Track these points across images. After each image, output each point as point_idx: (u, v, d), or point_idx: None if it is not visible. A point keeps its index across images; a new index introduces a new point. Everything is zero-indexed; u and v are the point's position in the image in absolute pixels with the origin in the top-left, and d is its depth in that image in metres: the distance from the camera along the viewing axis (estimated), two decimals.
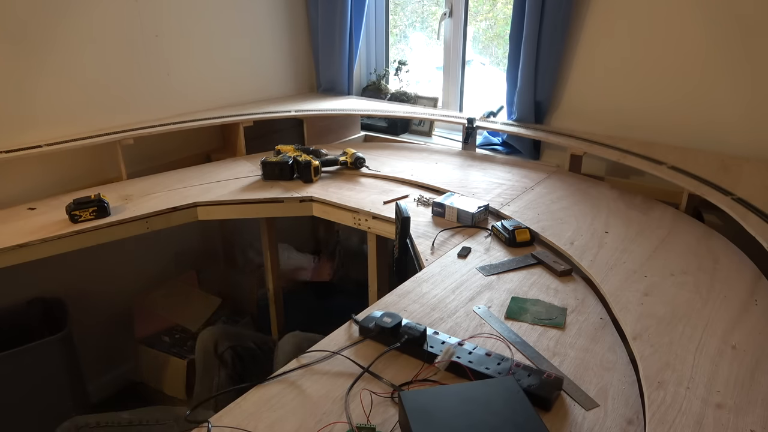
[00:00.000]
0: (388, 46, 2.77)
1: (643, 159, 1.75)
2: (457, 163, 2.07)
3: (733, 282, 1.21)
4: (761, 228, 1.29)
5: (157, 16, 2.11)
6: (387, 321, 1.03)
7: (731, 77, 1.77)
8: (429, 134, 2.57)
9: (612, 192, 1.75)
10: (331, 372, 0.98)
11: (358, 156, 1.97)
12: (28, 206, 1.75)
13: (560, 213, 1.60)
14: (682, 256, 1.33)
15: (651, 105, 1.93)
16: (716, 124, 1.83)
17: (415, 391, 0.88)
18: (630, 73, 1.95)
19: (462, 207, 1.57)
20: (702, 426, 0.81)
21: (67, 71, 1.91)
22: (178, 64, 2.22)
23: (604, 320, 1.13)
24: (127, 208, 1.70)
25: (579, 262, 1.32)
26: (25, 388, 1.76)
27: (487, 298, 1.21)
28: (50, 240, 1.54)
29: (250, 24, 2.44)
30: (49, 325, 1.88)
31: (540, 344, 1.05)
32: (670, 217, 1.56)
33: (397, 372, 0.97)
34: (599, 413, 0.88)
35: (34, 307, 1.95)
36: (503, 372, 0.93)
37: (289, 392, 0.93)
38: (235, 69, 2.44)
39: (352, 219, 1.72)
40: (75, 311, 1.98)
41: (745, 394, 0.87)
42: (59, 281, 2.02)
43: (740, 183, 1.55)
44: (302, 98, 2.59)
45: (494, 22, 2.48)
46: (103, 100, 2.03)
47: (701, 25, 1.77)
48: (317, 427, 0.85)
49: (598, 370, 0.98)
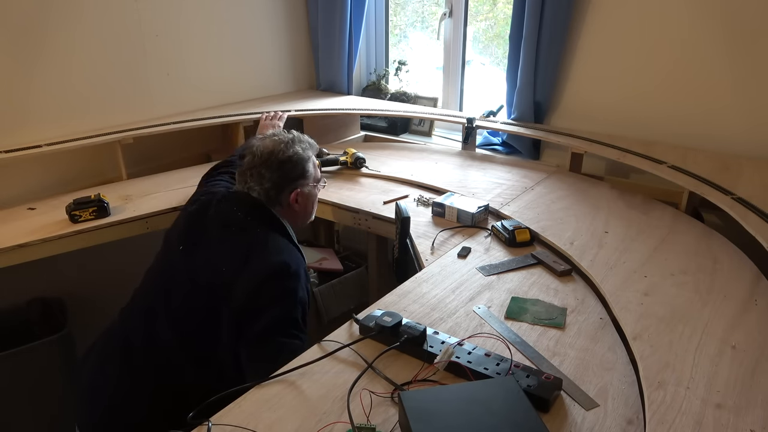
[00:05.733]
0: (388, 46, 2.77)
1: (643, 158, 1.75)
2: (456, 163, 2.07)
3: (733, 282, 1.21)
4: (761, 228, 1.29)
5: (157, 16, 2.11)
6: (387, 320, 1.03)
7: (731, 77, 1.76)
8: (429, 134, 2.57)
9: (612, 192, 1.75)
10: (330, 372, 0.98)
11: (358, 156, 1.97)
12: (28, 206, 1.75)
13: (560, 213, 1.59)
14: (681, 256, 1.33)
15: (651, 104, 1.93)
16: (716, 124, 1.83)
17: (415, 391, 0.88)
18: (630, 73, 1.95)
19: (462, 207, 1.57)
20: (702, 426, 0.81)
21: (67, 71, 1.91)
22: (178, 64, 2.22)
23: (604, 320, 1.13)
24: (127, 208, 1.70)
25: (579, 262, 1.32)
26: (25, 388, 1.76)
27: (487, 298, 1.21)
28: (50, 240, 1.54)
29: (250, 23, 2.44)
30: (49, 325, 1.88)
31: (540, 344, 1.05)
32: (670, 217, 1.56)
33: (397, 372, 0.97)
34: (599, 413, 0.88)
35: (34, 307, 1.95)
36: (502, 372, 0.93)
37: (289, 392, 0.93)
38: (235, 68, 2.44)
39: (352, 219, 1.72)
40: (75, 311, 1.98)
41: (745, 394, 0.87)
42: (59, 281, 2.01)
43: (740, 182, 1.55)
44: (302, 97, 2.59)
45: (494, 22, 2.48)
46: (103, 100, 2.03)
47: (701, 25, 1.77)
48: (317, 427, 0.85)
49: (598, 370, 0.98)
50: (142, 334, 1.25)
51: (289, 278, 1.21)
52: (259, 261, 1.21)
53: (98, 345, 1.32)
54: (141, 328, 1.25)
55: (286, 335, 1.16)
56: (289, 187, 1.35)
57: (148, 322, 1.25)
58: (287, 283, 1.20)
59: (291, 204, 1.36)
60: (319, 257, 2.49)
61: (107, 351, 1.29)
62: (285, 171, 1.34)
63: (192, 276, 1.26)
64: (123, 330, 1.29)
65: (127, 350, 1.25)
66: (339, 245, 2.77)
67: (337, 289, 2.36)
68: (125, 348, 1.25)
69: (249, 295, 1.18)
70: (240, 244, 1.25)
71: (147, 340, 1.23)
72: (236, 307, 1.18)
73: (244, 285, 1.19)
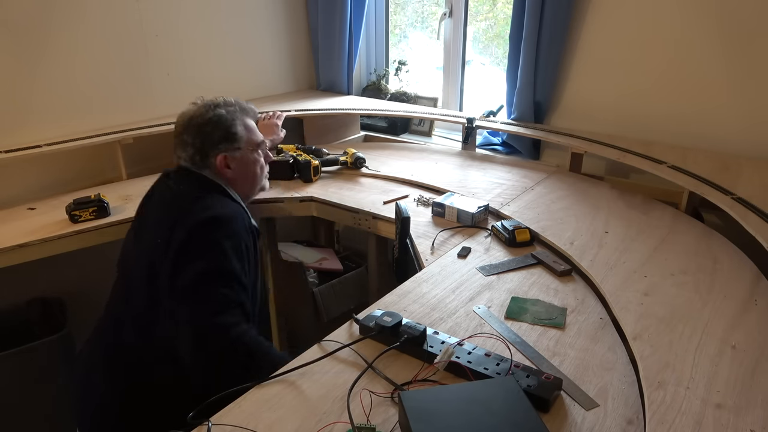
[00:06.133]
0: (388, 46, 2.77)
1: (643, 158, 1.75)
2: (456, 163, 2.07)
3: (733, 282, 1.21)
4: (761, 228, 1.29)
5: (157, 16, 2.11)
6: (387, 320, 1.03)
7: (731, 77, 1.76)
8: (429, 134, 2.57)
9: (612, 192, 1.75)
10: (330, 372, 0.98)
11: (358, 156, 1.97)
12: (28, 206, 1.75)
13: (560, 213, 1.59)
14: (681, 256, 1.33)
15: (651, 104, 1.93)
16: (716, 124, 1.83)
17: (415, 391, 0.88)
18: (630, 73, 1.95)
19: (462, 207, 1.57)
20: (702, 426, 0.81)
21: (67, 71, 1.91)
22: (178, 64, 2.22)
23: (604, 320, 1.13)
24: (127, 208, 1.70)
25: (579, 262, 1.32)
26: (25, 387, 1.76)
27: (487, 298, 1.21)
28: (50, 240, 1.54)
29: (250, 23, 2.44)
30: (49, 325, 1.88)
31: (540, 344, 1.05)
32: (670, 217, 1.56)
33: (397, 372, 0.97)
34: (599, 413, 0.88)
35: (34, 307, 1.95)
36: (502, 372, 0.93)
37: (289, 392, 0.93)
38: (235, 68, 2.44)
39: (352, 219, 1.72)
40: (75, 311, 1.98)
41: (745, 394, 0.87)
42: (59, 281, 2.01)
43: (740, 182, 1.55)
44: (302, 97, 2.59)
45: (494, 22, 2.48)
46: (102, 100, 2.03)
47: (701, 25, 1.77)
48: (317, 427, 0.85)
49: (598, 370, 0.98)
50: (112, 339, 1.25)
51: (215, 230, 1.16)
52: (183, 223, 1.17)
53: (83, 354, 1.33)
54: (111, 332, 1.25)
55: (213, 285, 1.09)
56: (214, 151, 1.31)
57: (117, 327, 1.25)
58: (212, 235, 1.15)
59: (221, 169, 1.32)
60: (319, 257, 2.50)
61: (92, 359, 1.29)
62: (205, 134, 1.31)
63: (140, 263, 1.23)
64: (98, 337, 1.30)
65: (107, 357, 1.25)
66: (339, 245, 2.77)
67: (337, 289, 2.36)
68: (106, 355, 1.25)
69: (174, 260, 1.13)
70: (170, 215, 1.22)
71: (119, 342, 1.23)
72: (167, 277, 1.13)
73: (171, 252, 1.14)
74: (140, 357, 1.20)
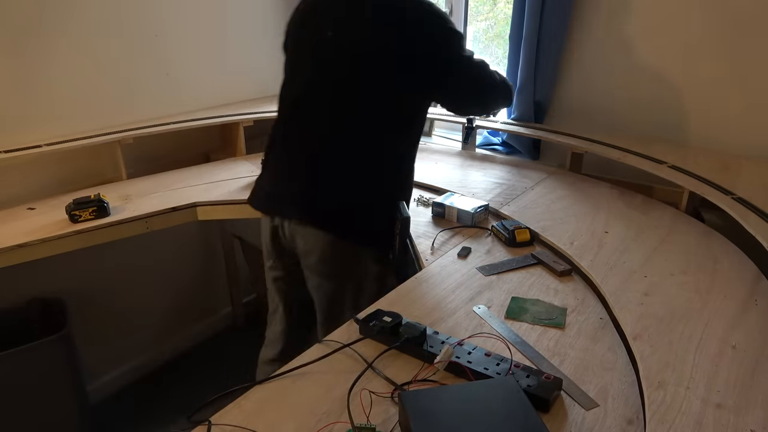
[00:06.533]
0: None
1: (643, 158, 1.75)
2: (456, 162, 2.07)
3: (733, 282, 1.21)
4: (761, 228, 1.29)
5: (157, 15, 2.11)
6: (387, 320, 1.03)
7: (732, 77, 1.76)
8: (429, 134, 2.56)
9: (612, 192, 1.75)
10: (330, 372, 0.98)
11: None
12: (28, 206, 1.75)
13: (560, 213, 1.59)
14: (681, 256, 1.33)
15: (650, 104, 1.93)
16: (716, 124, 1.83)
17: (415, 391, 0.88)
18: (630, 73, 1.95)
19: (462, 207, 1.57)
20: (702, 426, 0.81)
21: (67, 71, 1.91)
22: (178, 63, 2.22)
23: (604, 320, 1.13)
24: (127, 208, 1.70)
25: (579, 262, 1.32)
26: (25, 387, 1.76)
27: (487, 298, 1.21)
28: (50, 240, 1.54)
29: (250, 23, 2.44)
30: (49, 325, 1.88)
31: (540, 344, 1.05)
32: (669, 217, 1.56)
33: (397, 372, 0.97)
34: (599, 413, 0.88)
35: (34, 307, 1.95)
36: (502, 372, 0.93)
37: (289, 392, 0.93)
38: (235, 68, 2.44)
39: None
40: (75, 311, 1.99)
41: (745, 394, 0.87)
42: (59, 281, 2.02)
43: (740, 182, 1.55)
44: None
45: (494, 22, 2.48)
46: (102, 100, 2.03)
47: (702, 25, 1.77)
48: (317, 427, 0.85)
49: (598, 370, 0.98)
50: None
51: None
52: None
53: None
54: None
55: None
56: None
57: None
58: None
59: None
60: None
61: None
62: None
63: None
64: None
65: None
66: None
67: None
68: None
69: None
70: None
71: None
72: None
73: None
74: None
